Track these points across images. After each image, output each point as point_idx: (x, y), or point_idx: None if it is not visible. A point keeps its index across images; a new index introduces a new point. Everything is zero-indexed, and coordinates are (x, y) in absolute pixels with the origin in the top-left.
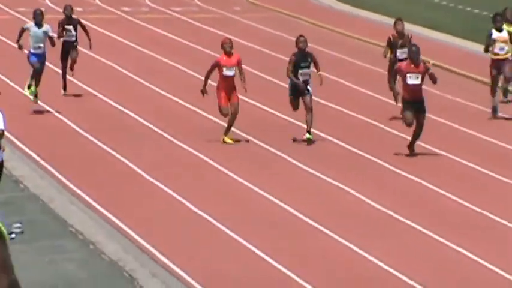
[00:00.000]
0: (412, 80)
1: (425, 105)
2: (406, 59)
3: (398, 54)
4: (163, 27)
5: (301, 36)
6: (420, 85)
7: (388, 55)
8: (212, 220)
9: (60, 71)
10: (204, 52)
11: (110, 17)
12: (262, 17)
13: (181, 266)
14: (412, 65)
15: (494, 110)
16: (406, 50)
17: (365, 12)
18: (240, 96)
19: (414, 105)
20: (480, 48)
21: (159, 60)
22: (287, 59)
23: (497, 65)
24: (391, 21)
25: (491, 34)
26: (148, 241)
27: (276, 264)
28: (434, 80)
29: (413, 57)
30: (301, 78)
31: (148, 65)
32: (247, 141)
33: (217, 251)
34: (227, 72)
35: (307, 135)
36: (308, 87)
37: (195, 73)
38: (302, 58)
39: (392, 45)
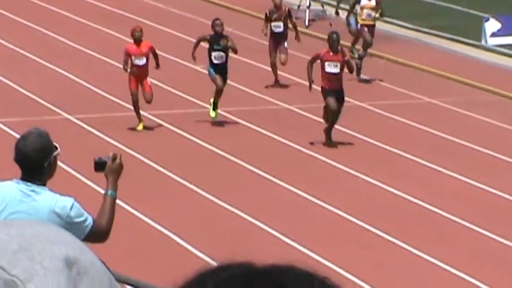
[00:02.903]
0: (331, 68)
1: (344, 95)
2: (280, 33)
3: (272, 27)
4: None
5: (217, 19)
6: (339, 74)
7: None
8: None
9: None
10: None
11: None
12: None
13: None
14: (331, 53)
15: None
16: (280, 23)
17: None
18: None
19: (333, 93)
20: None
21: None
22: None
23: (364, 28)
24: None
25: (359, 1)
26: None
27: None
28: (350, 69)
29: (333, 45)
30: (215, 61)
31: None
32: None
33: None
34: (137, 61)
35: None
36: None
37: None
38: (216, 40)
39: (268, 20)
